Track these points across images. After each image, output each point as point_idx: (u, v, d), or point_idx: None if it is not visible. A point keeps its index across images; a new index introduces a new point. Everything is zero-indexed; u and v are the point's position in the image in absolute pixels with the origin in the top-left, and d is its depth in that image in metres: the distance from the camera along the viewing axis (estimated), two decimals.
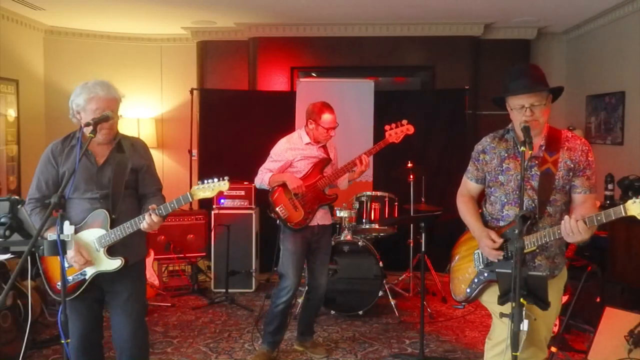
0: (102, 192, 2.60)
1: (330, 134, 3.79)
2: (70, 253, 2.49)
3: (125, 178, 2.65)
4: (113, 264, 2.56)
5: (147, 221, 2.50)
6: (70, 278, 2.57)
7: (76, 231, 2.54)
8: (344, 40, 6.54)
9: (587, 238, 2.20)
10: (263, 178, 3.77)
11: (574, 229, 2.17)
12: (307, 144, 3.81)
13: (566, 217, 2.22)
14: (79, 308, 2.63)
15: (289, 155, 3.78)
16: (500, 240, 2.44)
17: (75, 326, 2.61)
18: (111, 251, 2.57)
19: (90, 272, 2.57)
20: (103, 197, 2.60)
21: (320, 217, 3.81)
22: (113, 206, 2.59)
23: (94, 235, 2.56)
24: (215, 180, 2.51)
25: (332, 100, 5.77)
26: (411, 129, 3.95)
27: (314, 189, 3.74)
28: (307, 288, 4.01)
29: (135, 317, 2.69)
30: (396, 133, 3.92)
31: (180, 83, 6.86)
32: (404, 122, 3.97)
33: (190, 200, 2.52)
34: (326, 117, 3.74)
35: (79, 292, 2.58)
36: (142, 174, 2.74)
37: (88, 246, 2.55)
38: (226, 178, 2.50)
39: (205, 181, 2.51)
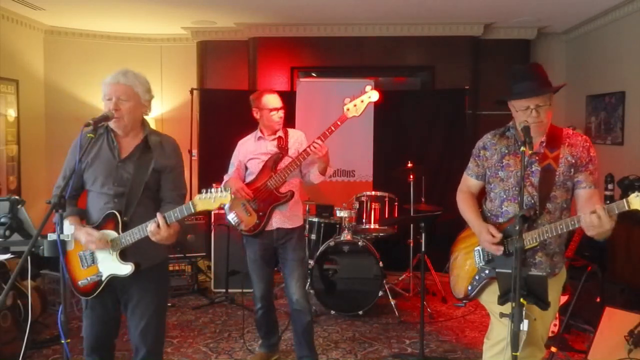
0: (118, 189, 2.49)
1: (278, 116, 3.47)
2: (81, 237, 2.44)
3: (145, 179, 2.49)
4: (124, 269, 2.46)
5: (149, 229, 2.34)
6: (88, 279, 2.52)
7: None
8: (344, 40, 6.54)
9: (609, 229, 2.13)
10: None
11: (595, 220, 2.11)
12: (259, 139, 3.54)
13: (591, 210, 2.16)
14: (96, 307, 2.59)
15: (241, 156, 3.58)
16: (499, 235, 2.44)
17: (89, 324, 2.59)
18: (123, 255, 2.48)
19: (105, 274, 2.51)
20: (118, 196, 2.49)
21: (279, 220, 3.48)
22: (126, 207, 2.48)
23: (107, 237, 2.48)
24: (213, 190, 2.28)
25: (332, 100, 5.82)
26: (374, 95, 3.35)
27: (264, 189, 3.43)
28: None
29: (146, 322, 2.58)
30: (355, 105, 3.35)
31: (180, 83, 6.87)
32: (367, 88, 3.38)
33: (192, 210, 2.30)
34: (267, 98, 3.47)
35: (95, 293, 2.53)
36: (165, 175, 2.55)
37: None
38: (229, 189, 2.28)
39: (208, 191, 2.29)
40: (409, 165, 5.17)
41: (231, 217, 3.54)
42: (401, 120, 6.20)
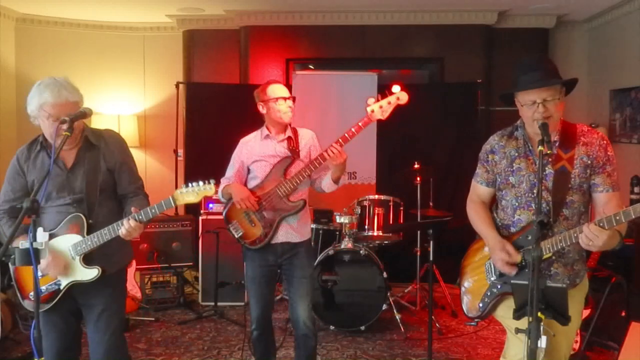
0: (75, 196, 2.60)
1: (286, 106, 3.33)
2: (45, 261, 2.49)
3: (99, 180, 2.64)
4: (89, 273, 2.56)
5: (125, 227, 2.50)
6: (43, 288, 2.57)
7: (50, 237, 2.54)
8: (344, 30, 6.56)
9: (613, 243, 2.17)
10: (219, 190, 3.41)
11: (589, 235, 2.16)
12: (265, 137, 3.41)
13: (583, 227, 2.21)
14: (55, 320, 2.62)
15: (243, 156, 3.45)
16: (517, 255, 2.43)
17: (50, 341, 2.60)
18: (88, 259, 2.57)
19: (64, 282, 2.57)
20: (77, 202, 2.60)
21: (286, 233, 3.34)
22: (89, 211, 2.59)
23: (70, 241, 2.57)
24: (201, 183, 2.49)
25: (332, 95, 5.84)
26: (404, 98, 3.21)
27: (273, 197, 3.29)
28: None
29: (110, 334, 2.66)
30: (381, 107, 3.20)
31: (165, 76, 6.87)
32: (395, 88, 3.27)
33: (173, 205, 2.51)
34: (272, 87, 3.37)
35: (52, 303, 2.58)
36: (117, 172, 2.71)
37: (63, 254, 2.56)
38: (212, 181, 2.46)
39: (190, 184, 2.51)
40: (416, 166, 5.18)
41: (232, 227, 3.41)
42: (407, 117, 6.14)
